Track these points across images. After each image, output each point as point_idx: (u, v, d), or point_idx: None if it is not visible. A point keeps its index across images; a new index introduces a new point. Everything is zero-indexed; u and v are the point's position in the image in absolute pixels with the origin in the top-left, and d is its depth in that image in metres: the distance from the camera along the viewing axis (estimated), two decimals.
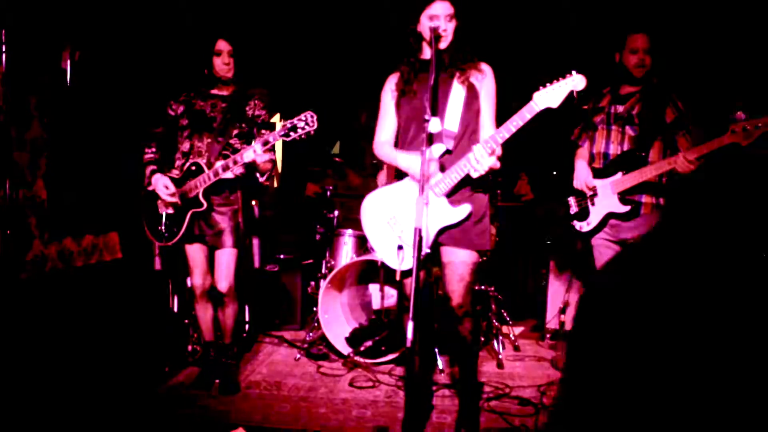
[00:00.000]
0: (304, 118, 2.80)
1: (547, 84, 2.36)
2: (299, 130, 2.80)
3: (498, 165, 2.46)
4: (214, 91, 3.31)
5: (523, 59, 5.01)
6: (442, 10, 2.54)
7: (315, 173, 5.07)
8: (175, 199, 3.16)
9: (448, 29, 2.54)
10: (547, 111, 2.37)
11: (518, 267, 5.45)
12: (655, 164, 3.04)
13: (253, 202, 5.02)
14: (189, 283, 3.56)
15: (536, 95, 2.36)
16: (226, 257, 3.23)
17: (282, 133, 2.83)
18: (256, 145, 2.91)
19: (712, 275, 0.74)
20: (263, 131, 3.23)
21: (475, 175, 2.45)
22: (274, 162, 3.30)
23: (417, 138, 2.62)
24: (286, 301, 4.76)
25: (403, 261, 2.56)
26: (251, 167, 3.20)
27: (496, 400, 3.21)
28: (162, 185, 3.15)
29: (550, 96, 2.33)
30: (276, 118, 5.64)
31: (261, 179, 3.25)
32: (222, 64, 3.20)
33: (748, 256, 0.76)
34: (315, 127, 2.80)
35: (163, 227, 3.26)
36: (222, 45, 3.19)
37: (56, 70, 3.69)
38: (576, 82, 2.31)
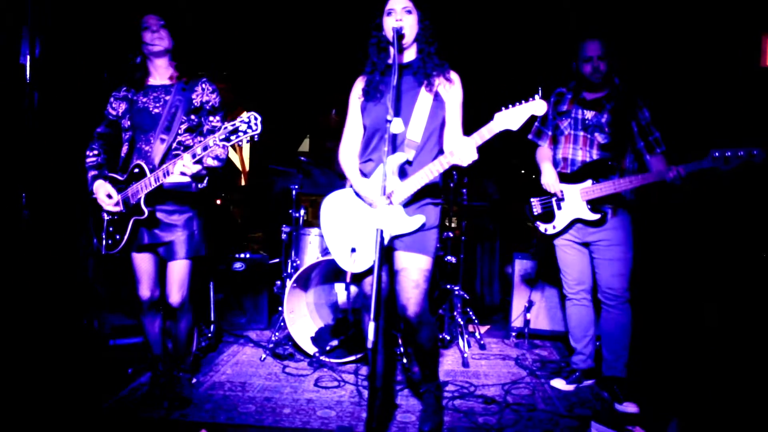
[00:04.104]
0: (246, 120, 2.48)
1: (510, 105, 2.33)
2: (240, 134, 2.49)
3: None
4: (154, 82, 2.99)
5: (489, 69, 5.04)
6: (398, 4, 2.55)
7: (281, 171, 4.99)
8: (118, 208, 2.86)
9: (404, 21, 2.53)
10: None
11: (485, 266, 5.50)
12: (628, 177, 3.07)
13: (218, 201, 4.91)
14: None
15: (497, 116, 2.34)
16: (178, 269, 2.96)
17: (222, 137, 2.52)
18: (186, 156, 2.62)
19: (714, 276, 0.77)
20: (212, 120, 2.95)
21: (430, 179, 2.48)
22: (214, 167, 2.92)
23: (379, 147, 2.61)
24: (252, 301, 4.73)
25: (354, 263, 2.57)
26: (209, 166, 2.89)
27: (461, 399, 3.24)
28: (104, 194, 2.85)
29: (511, 118, 2.31)
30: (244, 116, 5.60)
31: (199, 185, 2.91)
32: (150, 34, 2.89)
33: (748, 256, 0.79)
34: (258, 131, 2.47)
35: (104, 234, 2.95)
36: (150, 20, 2.90)
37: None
38: (537, 107, 2.30)
